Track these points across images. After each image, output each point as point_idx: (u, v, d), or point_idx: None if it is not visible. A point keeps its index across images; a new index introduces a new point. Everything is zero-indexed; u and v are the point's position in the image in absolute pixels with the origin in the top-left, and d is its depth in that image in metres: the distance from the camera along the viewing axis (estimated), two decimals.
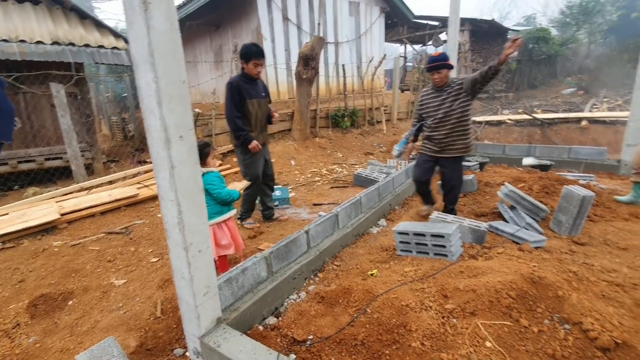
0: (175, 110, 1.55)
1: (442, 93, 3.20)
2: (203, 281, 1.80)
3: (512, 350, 1.70)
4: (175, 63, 1.53)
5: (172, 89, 1.53)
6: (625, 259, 2.73)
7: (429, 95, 3.34)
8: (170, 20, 1.48)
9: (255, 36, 8.20)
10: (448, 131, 3.22)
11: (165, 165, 1.58)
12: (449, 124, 3.20)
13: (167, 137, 1.54)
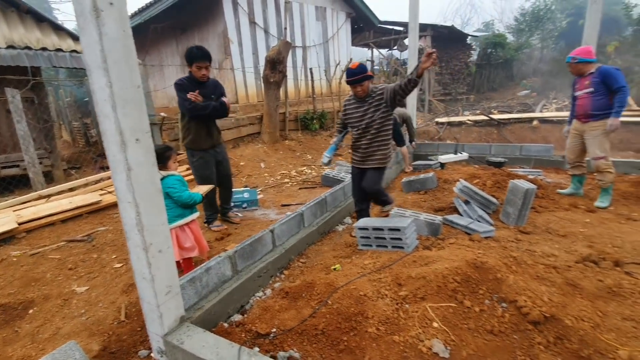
0: (130, 114, 1.60)
1: (364, 104, 3.09)
2: (165, 281, 1.84)
3: (456, 329, 1.87)
4: (129, 68, 1.58)
5: (127, 93, 1.58)
6: (564, 244, 3.01)
7: (352, 105, 3.21)
8: (123, 27, 1.53)
9: (222, 40, 8.18)
10: (369, 142, 3.16)
11: (121, 168, 1.62)
12: (370, 135, 3.13)
13: (123, 141, 1.58)
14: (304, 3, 9.99)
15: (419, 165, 5.75)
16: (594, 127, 3.81)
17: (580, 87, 3.89)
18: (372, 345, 1.88)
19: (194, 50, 3.27)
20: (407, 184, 4.66)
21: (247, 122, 7.34)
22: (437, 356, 1.76)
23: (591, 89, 3.75)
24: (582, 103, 3.87)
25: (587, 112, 3.82)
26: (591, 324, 1.89)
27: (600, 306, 2.07)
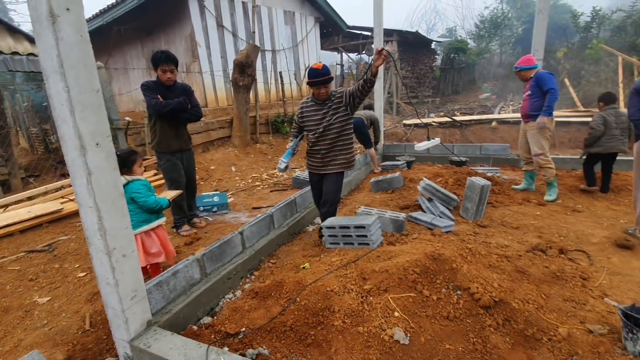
0: (89, 118, 1.60)
1: (323, 107, 3.00)
2: (130, 285, 1.84)
3: (415, 317, 2.00)
4: (87, 73, 1.58)
5: (85, 98, 1.58)
6: (516, 236, 3.25)
7: (310, 108, 3.08)
8: (80, 32, 1.53)
9: (189, 43, 8.07)
10: (329, 146, 3.06)
11: (81, 173, 1.62)
12: (329, 139, 3.04)
13: (82, 145, 1.58)
14: (273, 7, 10.05)
15: (387, 166, 5.95)
16: (531, 127, 4.17)
17: (524, 91, 4.29)
18: (338, 338, 1.97)
19: (158, 54, 3.28)
20: (375, 184, 4.82)
21: (217, 126, 7.28)
22: (398, 343, 1.87)
23: (529, 92, 4.17)
24: (523, 105, 4.32)
25: (527, 113, 4.22)
26: (535, 306, 2.07)
27: (544, 290, 2.27)
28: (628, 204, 3.92)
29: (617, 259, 2.76)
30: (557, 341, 1.85)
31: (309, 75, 2.95)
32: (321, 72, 2.86)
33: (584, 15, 12.22)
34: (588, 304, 2.15)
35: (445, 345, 1.85)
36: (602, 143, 4.14)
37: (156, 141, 3.47)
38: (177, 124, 3.52)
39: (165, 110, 3.31)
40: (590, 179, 4.37)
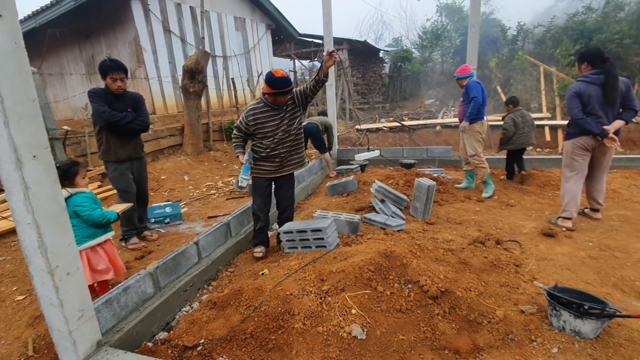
0: (26, 129, 1.51)
1: (280, 111, 2.97)
2: (76, 305, 1.73)
3: (371, 312, 2.11)
4: (22, 82, 1.49)
5: (21, 108, 1.49)
6: (460, 230, 3.54)
7: (265, 113, 2.97)
8: (15, 40, 1.45)
9: (133, 47, 7.67)
10: (289, 148, 3.09)
11: (18, 188, 1.51)
12: (289, 141, 3.06)
13: (18, 158, 1.48)
14: (222, 13, 9.91)
15: (342, 170, 6.13)
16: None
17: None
18: (298, 340, 2.01)
19: (107, 62, 3.15)
20: (331, 187, 4.95)
21: (167, 133, 6.99)
22: (356, 339, 1.96)
23: (462, 99, 4.66)
24: (459, 111, 4.75)
25: (460, 118, 4.67)
26: (476, 293, 2.29)
27: (484, 278, 2.51)
28: (552, 198, 4.44)
29: (543, 246, 3.12)
30: (495, 323, 2.06)
31: (273, 84, 2.78)
32: (286, 80, 2.79)
33: (511, 29, 13.60)
34: (520, 287, 2.41)
35: (399, 336, 1.98)
36: (514, 141, 4.92)
37: (102, 150, 3.30)
38: (125, 133, 3.37)
39: (113, 120, 3.18)
40: (511, 172, 5.21)
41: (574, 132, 3.41)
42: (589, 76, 3.25)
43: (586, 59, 3.31)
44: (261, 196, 3.21)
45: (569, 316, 1.90)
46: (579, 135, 3.37)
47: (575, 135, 3.40)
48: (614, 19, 10.86)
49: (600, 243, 3.10)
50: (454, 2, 21.67)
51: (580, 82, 3.31)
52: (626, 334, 1.94)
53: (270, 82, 2.78)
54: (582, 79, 3.30)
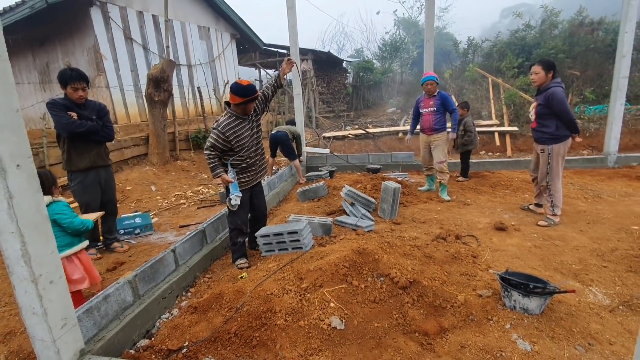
0: (9, 139, 1.54)
1: (248, 121, 3.02)
2: (59, 313, 1.74)
3: (348, 304, 2.28)
4: (5, 92, 1.52)
5: (4, 118, 1.52)
6: (424, 229, 3.83)
7: (239, 126, 2.95)
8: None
9: (93, 55, 7.40)
10: (260, 155, 3.19)
11: (1, 197, 1.52)
12: (259, 148, 3.18)
13: (2, 167, 1.50)
14: (186, 22, 9.83)
15: (312, 176, 6.30)
16: (438, 138, 4.92)
17: (426, 105, 4.97)
18: (281, 335, 2.13)
19: (68, 72, 3.11)
20: (302, 193, 5.09)
21: (131, 143, 6.79)
22: (335, 329, 2.12)
23: (434, 108, 4.86)
24: (428, 119, 4.95)
25: (432, 127, 4.91)
26: (440, 282, 2.54)
27: (446, 268, 2.78)
28: (502, 196, 4.91)
29: (496, 239, 3.48)
30: (457, 307, 2.31)
31: (243, 93, 2.82)
32: (253, 87, 2.88)
33: (462, 43, 14.69)
34: (478, 275, 2.70)
35: (374, 324, 2.16)
36: (472, 141, 5.64)
37: (66, 159, 3.22)
38: (88, 141, 3.32)
39: (79, 130, 3.13)
40: (467, 171, 5.83)
41: (565, 134, 3.62)
42: (560, 83, 3.59)
43: (553, 68, 3.62)
44: (245, 210, 3.17)
45: (518, 295, 2.19)
46: (567, 138, 3.64)
47: (565, 138, 3.64)
48: (550, 35, 12.14)
49: (543, 234, 3.51)
50: (410, 17, 22.97)
51: (560, 87, 3.57)
52: (566, 309, 2.27)
53: (240, 91, 2.83)
54: (558, 85, 3.58)
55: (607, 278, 2.64)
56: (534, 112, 3.80)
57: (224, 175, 2.93)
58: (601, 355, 1.87)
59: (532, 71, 3.70)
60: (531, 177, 4.20)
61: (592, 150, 7.62)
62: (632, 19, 5.53)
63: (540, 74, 3.64)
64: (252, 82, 2.96)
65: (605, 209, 4.15)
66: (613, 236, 3.34)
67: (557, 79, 3.64)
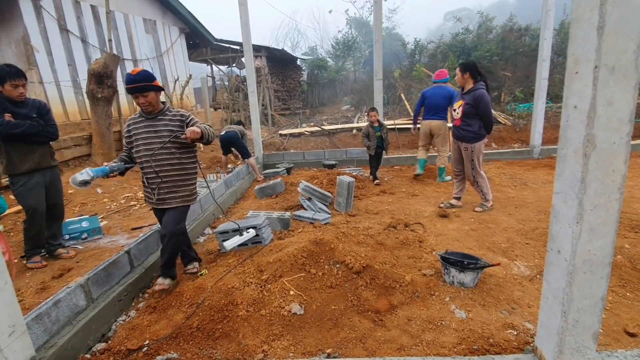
0: None
1: (148, 121, 2.58)
2: (6, 321, 1.67)
3: (307, 291, 2.42)
4: None
5: None
6: (377, 219, 4.08)
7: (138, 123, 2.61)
8: None
9: (22, 47, 6.74)
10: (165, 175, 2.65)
11: None
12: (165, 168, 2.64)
13: None
14: (130, 14, 9.28)
15: (269, 174, 6.36)
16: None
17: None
18: (244, 325, 2.22)
19: (5, 68, 2.90)
20: (259, 190, 5.14)
21: (71, 143, 6.31)
22: (296, 315, 2.25)
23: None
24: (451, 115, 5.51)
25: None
26: (390, 265, 2.78)
27: (395, 253, 3.03)
28: (446, 187, 5.35)
29: (440, 225, 3.83)
30: (405, 286, 2.55)
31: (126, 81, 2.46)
32: (140, 78, 2.43)
33: (410, 44, 15.47)
34: (423, 257, 2.98)
35: (331, 307, 2.33)
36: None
37: (5, 163, 2.99)
38: (29, 142, 3.10)
39: (15, 132, 2.92)
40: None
41: (483, 133, 3.92)
42: (484, 86, 3.82)
43: (469, 69, 3.85)
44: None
45: (455, 272, 2.48)
46: (485, 137, 3.97)
47: (484, 136, 3.95)
48: (485, 39, 13.24)
49: (479, 218, 3.93)
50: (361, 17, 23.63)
51: (485, 90, 3.77)
52: (495, 281, 2.61)
53: (126, 78, 2.45)
54: (483, 87, 3.78)
55: (529, 253, 3.06)
56: (460, 111, 3.95)
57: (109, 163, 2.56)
58: (521, 316, 2.21)
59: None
60: (454, 173, 4.38)
61: (521, 143, 8.52)
62: (550, 27, 6.28)
63: (457, 75, 3.96)
64: (147, 70, 2.51)
65: (530, 194, 4.73)
66: (535, 217, 3.84)
67: (481, 82, 3.83)
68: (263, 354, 1.99)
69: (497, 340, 1.96)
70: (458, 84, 4.04)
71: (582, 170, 1.31)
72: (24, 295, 2.81)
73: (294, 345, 2.06)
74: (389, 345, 2.01)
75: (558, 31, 11.87)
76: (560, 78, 10.03)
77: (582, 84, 1.27)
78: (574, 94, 1.32)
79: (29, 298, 2.78)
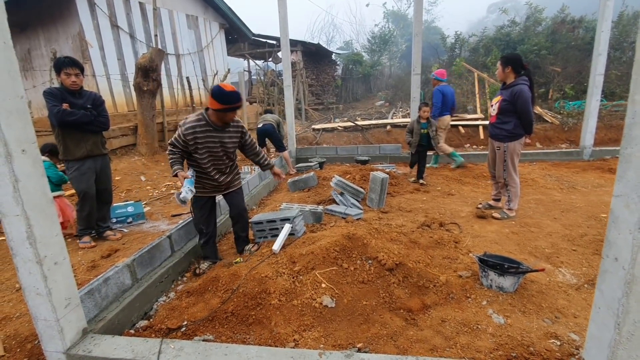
0: (15, 124, 1.59)
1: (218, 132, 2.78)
2: (63, 293, 1.82)
3: (338, 285, 2.42)
4: (11, 79, 1.58)
5: (10, 104, 1.57)
6: (410, 217, 4.00)
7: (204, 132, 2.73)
8: (4, 39, 1.53)
9: (78, 42, 7.25)
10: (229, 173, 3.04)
11: (7, 181, 1.58)
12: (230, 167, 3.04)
13: (8, 152, 1.56)
14: (174, 10, 9.68)
15: (302, 167, 6.41)
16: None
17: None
18: (276, 313, 2.26)
19: (61, 58, 3.16)
20: (292, 184, 5.20)
21: (119, 133, 6.73)
22: (327, 307, 2.26)
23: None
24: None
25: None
26: (424, 264, 2.71)
27: (430, 252, 2.96)
28: (485, 187, 5.13)
29: (477, 226, 3.68)
30: (439, 286, 2.48)
31: (220, 99, 2.57)
32: (236, 97, 2.60)
33: (450, 38, 14.88)
34: (459, 259, 2.89)
35: (362, 302, 2.32)
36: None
37: (62, 149, 3.27)
38: (82, 130, 3.35)
39: (69, 119, 3.16)
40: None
41: (521, 133, 3.63)
42: (526, 81, 3.53)
43: (511, 63, 3.58)
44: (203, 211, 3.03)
45: (494, 275, 2.38)
46: (522, 136, 3.67)
47: (521, 136, 3.64)
48: (533, 32, 12.44)
49: (520, 222, 3.73)
50: (399, 10, 23.05)
51: (527, 86, 3.48)
52: (537, 288, 2.47)
53: (219, 96, 2.54)
54: (525, 83, 3.49)
55: (576, 260, 2.86)
56: (497, 107, 3.71)
57: (180, 173, 2.73)
58: (565, 326, 2.07)
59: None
60: (490, 174, 4.15)
61: (569, 144, 7.96)
62: (608, 18, 5.78)
63: (498, 69, 3.69)
64: (236, 89, 2.65)
65: (578, 198, 4.41)
66: (584, 223, 3.59)
67: (523, 77, 3.56)
68: (294, 343, 2.02)
69: (538, 349, 1.86)
70: (498, 78, 3.76)
71: None
72: (76, 271, 3.04)
73: (325, 337, 2.07)
74: (421, 345, 1.97)
75: (616, 23, 10.89)
76: (617, 74, 9.22)
77: None
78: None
79: (81, 275, 3.01)
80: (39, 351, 2.06)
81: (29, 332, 2.26)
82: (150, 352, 1.84)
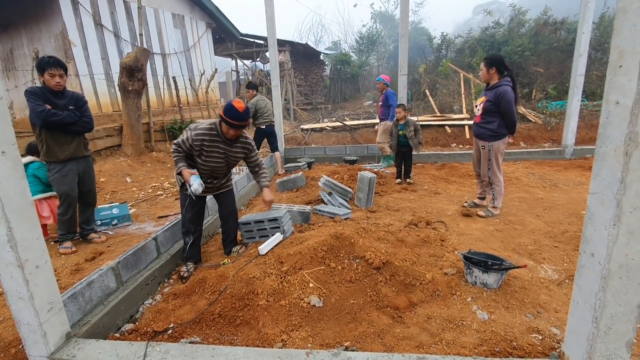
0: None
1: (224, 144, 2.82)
2: (45, 297, 1.79)
3: (326, 284, 2.43)
4: None
5: None
6: (397, 216, 4.05)
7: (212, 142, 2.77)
8: None
9: (60, 41, 7.08)
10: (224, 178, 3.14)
11: None
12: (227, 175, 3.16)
13: None
14: (159, 9, 9.54)
15: (290, 167, 6.41)
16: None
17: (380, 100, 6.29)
18: (264, 314, 2.26)
19: (45, 58, 3.09)
20: (280, 184, 5.20)
21: (104, 133, 6.60)
22: (314, 307, 2.27)
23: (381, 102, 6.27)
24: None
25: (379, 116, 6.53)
26: (411, 262, 2.75)
27: (416, 251, 3.00)
28: (470, 186, 5.22)
29: (463, 224, 3.75)
30: (425, 284, 2.52)
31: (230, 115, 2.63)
32: (245, 117, 2.65)
33: (436, 39, 15.07)
34: (444, 256, 2.93)
35: (350, 301, 2.34)
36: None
37: (45, 150, 3.19)
38: (65, 132, 3.28)
39: (53, 119, 3.09)
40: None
41: (504, 132, 3.71)
42: (509, 82, 3.61)
43: (495, 64, 3.65)
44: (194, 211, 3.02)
45: (478, 272, 2.43)
46: (506, 136, 3.75)
47: (504, 136, 3.73)
48: (517, 33, 12.69)
49: (504, 219, 3.81)
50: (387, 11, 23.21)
51: (510, 87, 3.55)
52: (520, 284, 2.53)
53: (229, 112, 2.63)
54: (508, 84, 3.57)
55: (557, 256, 2.94)
56: (481, 107, 3.78)
57: (184, 169, 2.79)
58: (547, 321, 2.13)
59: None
60: (475, 173, 4.23)
61: (552, 143, 8.16)
62: (589, 20, 5.95)
63: (482, 70, 3.76)
64: (248, 107, 2.68)
65: (560, 196, 4.53)
66: (565, 220, 3.69)
67: (506, 78, 3.63)
68: (282, 343, 2.02)
69: (520, 344, 1.91)
70: (482, 79, 3.83)
71: (622, 170, 1.25)
72: (59, 275, 2.98)
73: (313, 336, 2.08)
74: (407, 342, 1.99)
75: (597, 25, 11.21)
76: (598, 75, 9.50)
77: (626, 78, 1.21)
78: (616, 88, 1.25)
79: (64, 278, 2.94)
80: (23, 356, 2.01)
81: (13, 337, 2.20)
82: (135, 356, 1.82)
